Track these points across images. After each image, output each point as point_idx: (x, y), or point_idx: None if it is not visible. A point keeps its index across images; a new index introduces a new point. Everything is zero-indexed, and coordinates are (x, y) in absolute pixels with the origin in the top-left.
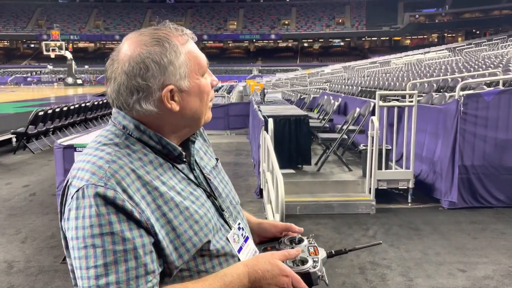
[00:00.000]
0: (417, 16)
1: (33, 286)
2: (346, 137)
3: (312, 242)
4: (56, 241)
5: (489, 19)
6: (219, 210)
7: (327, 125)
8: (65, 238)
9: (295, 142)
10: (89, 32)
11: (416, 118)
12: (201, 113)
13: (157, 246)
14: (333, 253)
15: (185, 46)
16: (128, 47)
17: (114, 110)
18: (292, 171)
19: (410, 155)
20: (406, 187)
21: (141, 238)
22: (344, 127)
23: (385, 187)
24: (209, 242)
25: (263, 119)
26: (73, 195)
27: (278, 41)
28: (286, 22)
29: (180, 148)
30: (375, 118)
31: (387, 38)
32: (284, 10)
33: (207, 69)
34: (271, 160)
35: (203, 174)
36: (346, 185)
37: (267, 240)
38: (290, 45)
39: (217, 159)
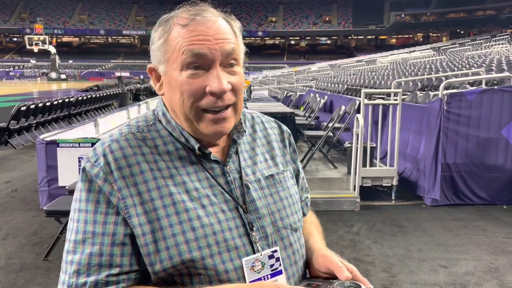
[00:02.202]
0: (402, 15)
1: (14, 283)
2: (332, 134)
3: None
4: (38, 238)
5: (473, 20)
6: (246, 227)
7: (313, 123)
8: None
9: None
10: (73, 26)
11: (400, 117)
12: (182, 113)
13: (135, 241)
14: None
15: (177, 28)
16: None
17: None
18: None
19: (394, 153)
20: (390, 185)
21: (114, 226)
22: (330, 124)
23: (370, 185)
24: (203, 258)
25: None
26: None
27: (265, 38)
28: (273, 20)
29: (198, 145)
30: (360, 116)
31: (373, 36)
32: (272, 8)
33: (189, 65)
34: None
35: (241, 180)
36: (331, 182)
37: (322, 277)
38: (277, 42)
39: (284, 170)
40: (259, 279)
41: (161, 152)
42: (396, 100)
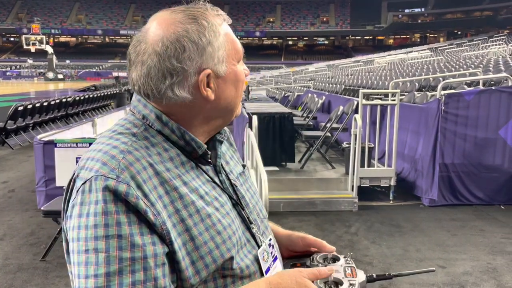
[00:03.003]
0: (400, 16)
1: (12, 284)
2: (330, 135)
3: (350, 262)
4: (35, 239)
5: (470, 20)
6: (246, 222)
7: (311, 123)
8: (67, 240)
9: (279, 140)
10: (70, 26)
11: (398, 117)
12: (235, 104)
13: (172, 257)
14: (374, 277)
15: (222, 27)
16: (159, 26)
17: (134, 98)
18: (276, 168)
19: (392, 153)
20: (388, 185)
21: (153, 246)
22: (328, 125)
23: (368, 185)
24: (232, 258)
25: (247, 116)
26: (78, 189)
27: (263, 38)
28: (271, 20)
29: (205, 146)
30: (358, 117)
31: (370, 37)
32: (269, 8)
33: (242, 56)
34: (255, 157)
35: (229, 179)
36: (329, 182)
37: (296, 256)
38: (274, 42)
39: (244, 166)
40: (268, 267)
41: (166, 159)
42: (394, 100)
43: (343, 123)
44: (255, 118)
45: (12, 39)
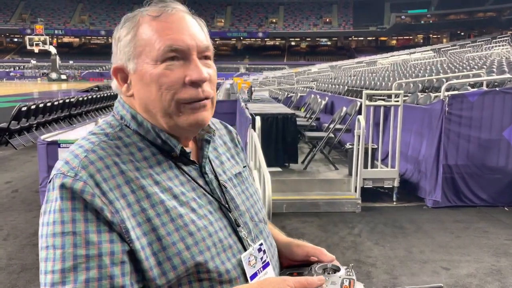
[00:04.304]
0: (403, 17)
1: (15, 284)
2: (333, 136)
3: (351, 274)
4: (38, 239)
5: (473, 21)
6: (233, 225)
7: (314, 124)
8: None
9: (282, 141)
10: (74, 27)
11: (401, 118)
12: (158, 109)
13: (134, 257)
14: None
15: (143, 24)
16: None
17: (118, 98)
18: (279, 169)
19: (395, 154)
20: (391, 186)
21: (110, 244)
22: (331, 126)
23: (371, 186)
24: (206, 261)
25: (250, 117)
26: (48, 187)
27: (265, 39)
28: (274, 21)
29: (180, 145)
30: (361, 117)
31: (373, 38)
32: (272, 9)
33: (164, 55)
34: (258, 158)
35: (218, 180)
36: (332, 183)
37: (296, 265)
38: (277, 43)
39: (244, 167)
40: (255, 273)
41: (138, 159)
42: (398, 101)
43: (346, 124)
44: (258, 119)
45: (15, 39)
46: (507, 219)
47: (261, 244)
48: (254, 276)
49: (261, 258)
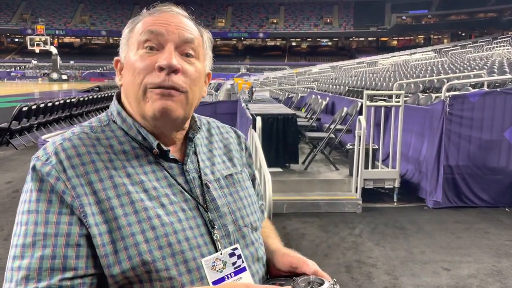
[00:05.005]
0: (404, 17)
1: None
2: (334, 136)
3: None
4: None
5: (474, 22)
6: (207, 226)
7: (315, 124)
8: None
9: (283, 141)
10: (75, 27)
11: (402, 118)
12: (132, 94)
13: (91, 242)
14: None
15: (144, 17)
16: None
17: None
18: (279, 169)
19: (396, 154)
20: (392, 187)
21: (68, 226)
22: (332, 126)
23: (372, 186)
24: (164, 257)
25: (251, 117)
26: None
27: (266, 39)
28: (275, 21)
29: (156, 143)
30: (362, 118)
31: (374, 38)
32: (273, 9)
33: (147, 41)
34: (258, 159)
35: (201, 180)
36: (333, 184)
37: (283, 275)
38: (278, 44)
39: (241, 170)
40: (222, 278)
41: (116, 151)
42: (398, 102)
43: (347, 125)
44: (258, 119)
45: (16, 40)
46: (508, 219)
47: (235, 249)
48: (219, 281)
49: (233, 263)
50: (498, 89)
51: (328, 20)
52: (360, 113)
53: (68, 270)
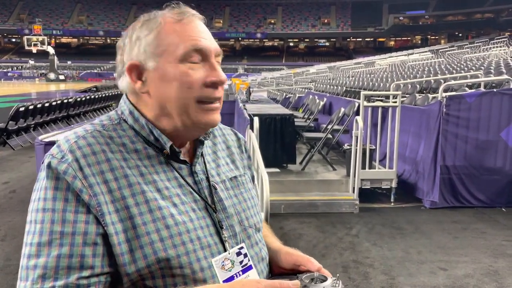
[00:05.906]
0: (401, 18)
1: (13, 285)
2: (331, 136)
3: (336, 285)
4: None
5: (471, 22)
6: (216, 226)
7: (312, 125)
8: None
9: (280, 141)
10: (72, 27)
11: (399, 119)
12: (179, 106)
13: (107, 241)
14: None
15: (165, 25)
16: None
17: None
18: (277, 170)
19: (393, 155)
20: (389, 187)
21: (85, 224)
22: (329, 126)
23: (369, 187)
24: (178, 256)
25: (248, 117)
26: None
27: (264, 40)
28: (272, 21)
29: (170, 143)
30: (359, 118)
31: (371, 39)
32: (270, 9)
33: (193, 57)
34: (256, 159)
35: (208, 181)
36: (330, 184)
37: (286, 273)
38: (275, 44)
39: (245, 173)
40: (231, 277)
41: (129, 150)
42: (396, 102)
43: (344, 125)
44: (256, 120)
45: (13, 40)
46: (505, 220)
47: (241, 248)
48: (229, 280)
49: (241, 262)
50: (495, 90)
51: (325, 21)
52: (357, 113)
53: (86, 268)
